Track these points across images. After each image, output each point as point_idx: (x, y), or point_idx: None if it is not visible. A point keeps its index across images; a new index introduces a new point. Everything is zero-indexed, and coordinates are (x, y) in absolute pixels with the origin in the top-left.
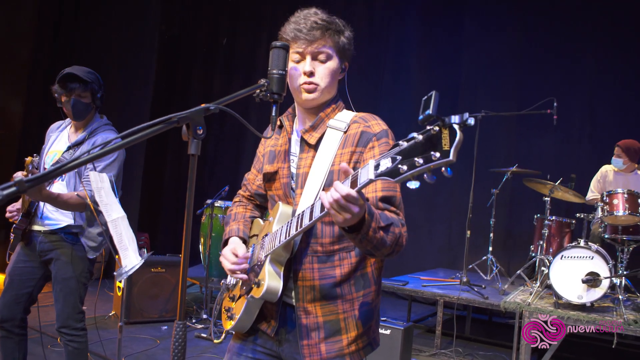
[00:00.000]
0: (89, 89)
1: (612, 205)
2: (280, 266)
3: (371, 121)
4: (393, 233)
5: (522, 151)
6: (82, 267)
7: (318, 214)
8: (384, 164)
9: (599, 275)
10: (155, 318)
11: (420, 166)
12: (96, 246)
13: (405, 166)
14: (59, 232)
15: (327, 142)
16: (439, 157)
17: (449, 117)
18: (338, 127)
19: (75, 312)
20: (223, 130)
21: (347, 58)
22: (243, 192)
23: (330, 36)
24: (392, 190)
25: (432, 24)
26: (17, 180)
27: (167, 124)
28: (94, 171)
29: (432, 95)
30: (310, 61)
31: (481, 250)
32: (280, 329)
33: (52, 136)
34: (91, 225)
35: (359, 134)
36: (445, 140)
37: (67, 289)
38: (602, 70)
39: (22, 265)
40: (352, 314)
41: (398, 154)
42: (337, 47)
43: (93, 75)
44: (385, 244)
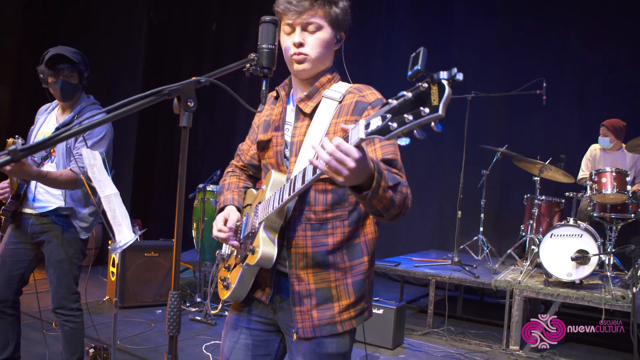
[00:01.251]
0: (77, 69)
1: (601, 184)
2: (275, 233)
3: (366, 91)
4: (401, 192)
5: (512, 132)
6: (75, 248)
7: (310, 177)
8: (374, 123)
9: (588, 252)
10: (150, 302)
11: (410, 122)
12: (88, 226)
13: (395, 123)
14: (49, 214)
15: (322, 111)
16: (428, 113)
17: (437, 73)
18: (333, 97)
19: (70, 293)
20: (214, 114)
21: (342, 28)
22: (236, 162)
23: (321, 6)
24: (392, 154)
25: (422, 8)
26: (11, 149)
27: (158, 96)
28: (86, 148)
29: (420, 51)
30: (299, 32)
31: (472, 230)
32: (275, 296)
33: (40, 118)
34: (82, 206)
35: (354, 104)
36: (434, 96)
37: (61, 270)
38: (590, 50)
39: (13, 247)
40: (344, 282)
41: (388, 112)
42: (328, 17)
43: (79, 55)
44: (394, 203)
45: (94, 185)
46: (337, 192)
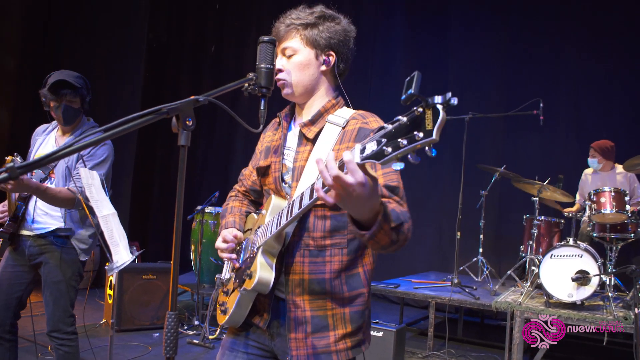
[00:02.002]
0: (79, 94)
1: (600, 204)
2: (273, 258)
3: (369, 118)
4: (403, 233)
5: (509, 152)
6: (72, 270)
7: (307, 201)
8: (369, 147)
9: (589, 273)
10: (147, 325)
11: (404, 147)
12: (87, 248)
13: (390, 148)
14: (48, 235)
15: (325, 136)
16: (422, 137)
17: (432, 97)
18: (337, 123)
19: (66, 316)
20: (212, 137)
21: (326, 48)
22: (239, 187)
23: (295, 30)
24: (395, 181)
25: (418, 28)
26: (9, 167)
27: (156, 114)
28: (84, 168)
29: (415, 75)
30: (280, 58)
31: (471, 251)
32: (273, 322)
33: (38, 140)
34: (81, 228)
35: (357, 130)
36: (429, 120)
37: (58, 292)
38: (586, 71)
39: (10, 270)
40: (342, 311)
41: (383, 137)
42: (304, 39)
43: (82, 79)
44: (392, 244)
45: (92, 205)
46: (337, 219)
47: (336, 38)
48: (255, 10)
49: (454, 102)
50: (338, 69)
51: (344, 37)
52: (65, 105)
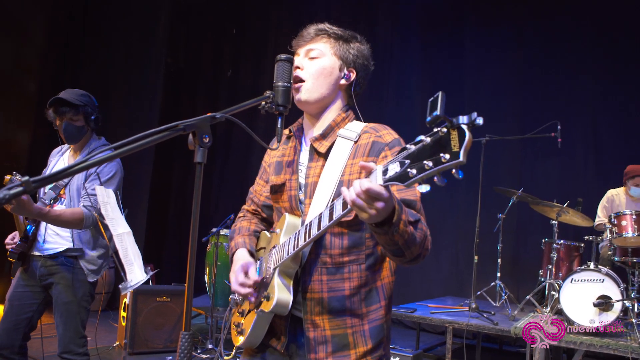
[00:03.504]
0: (81, 112)
1: (621, 227)
2: (289, 279)
3: (382, 131)
4: (422, 230)
5: (527, 175)
6: (83, 290)
7: (327, 223)
8: (392, 169)
9: (611, 298)
10: (160, 348)
11: (430, 169)
12: (96, 269)
13: (414, 170)
14: (59, 256)
15: (337, 151)
16: (449, 159)
17: (456, 117)
18: (349, 137)
19: (77, 337)
20: (228, 160)
21: (351, 65)
22: (248, 207)
23: (326, 37)
24: (412, 195)
25: (433, 50)
26: (24, 180)
27: (173, 130)
28: (100, 185)
29: (439, 96)
30: (301, 57)
31: (489, 276)
32: (291, 345)
33: (52, 160)
34: (91, 249)
35: (370, 144)
36: (455, 142)
37: (68, 313)
38: (604, 93)
39: (21, 290)
40: (361, 329)
41: (406, 158)
42: (334, 48)
43: (86, 97)
44: (415, 240)
45: (107, 223)
46: (354, 236)
47: (361, 60)
48: (272, 36)
49: (479, 122)
50: (354, 89)
51: (367, 61)
52: (66, 123)
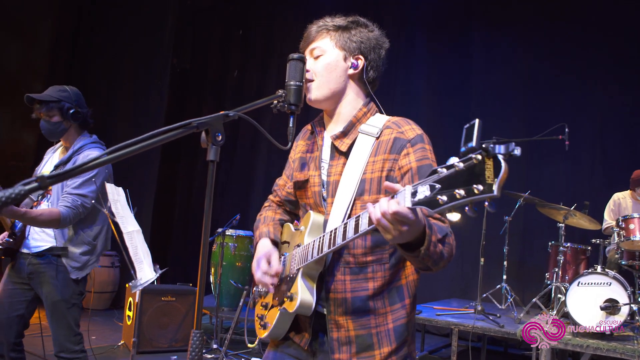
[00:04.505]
0: (54, 107)
1: (629, 230)
2: (313, 280)
3: (405, 126)
4: (449, 244)
5: (533, 178)
6: (71, 289)
7: (352, 234)
8: (421, 192)
9: (618, 302)
10: (165, 348)
11: (462, 199)
12: (80, 266)
13: (444, 197)
14: (45, 254)
15: (358, 148)
16: (482, 191)
17: (492, 146)
18: (370, 133)
19: (71, 335)
20: (233, 160)
21: (356, 52)
22: (273, 198)
23: (324, 32)
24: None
25: (440, 53)
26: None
27: (186, 128)
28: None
29: (475, 124)
30: (309, 59)
31: (495, 279)
32: (313, 342)
33: (45, 157)
34: (73, 245)
35: (392, 140)
36: (489, 172)
37: (57, 312)
38: (611, 97)
39: (10, 288)
40: (385, 328)
41: (437, 182)
42: (335, 41)
43: (65, 92)
44: (443, 257)
45: (117, 221)
46: (377, 235)
47: (367, 44)
48: (279, 37)
49: (517, 153)
50: (367, 76)
51: (375, 44)
52: (42, 121)
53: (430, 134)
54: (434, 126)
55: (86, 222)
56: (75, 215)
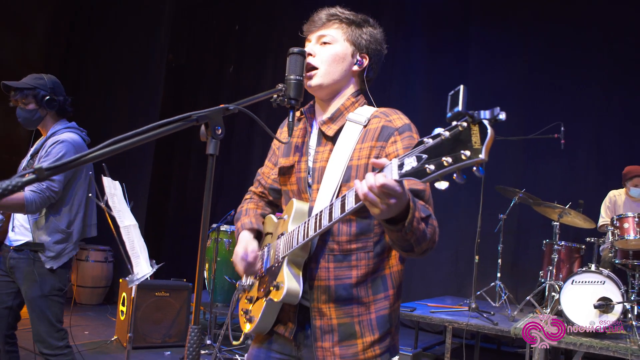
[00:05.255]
0: (30, 95)
1: (623, 229)
2: (299, 268)
3: (392, 115)
4: (432, 225)
5: (529, 176)
6: (50, 284)
7: (338, 214)
8: (408, 163)
9: (611, 300)
10: (158, 343)
11: (449, 166)
12: (54, 255)
13: (432, 165)
14: (23, 248)
15: (345, 135)
16: (470, 156)
17: (477, 112)
18: (358, 121)
19: (53, 331)
20: (229, 156)
21: (364, 50)
22: (255, 189)
23: (338, 22)
24: (421, 185)
25: (438, 51)
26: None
27: (186, 121)
28: (107, 177)
29: (460, 89)
30: (313, 44)
31: (489, 276)
32: (298, 333)
33: (31, 149)
34: (46, 235)
35: (380, 129)
36: (476, 138)
37: (38, 308)
38: (607, 96)
39: None
40: (368, 317)
41: (423, 152)
42: (346, 34)
43: (41, 80)
44: (425, 236)
45: (114, 215)
46: (362, 223)
47: (374, 45)
48: (276, 33)
49: (502, 117)
50: (367, 75)
51: (380, 46)
52: (18, 108)
53: (426, 132)
54: (430, 124)
55: (57, 208)
56: (41, 199)
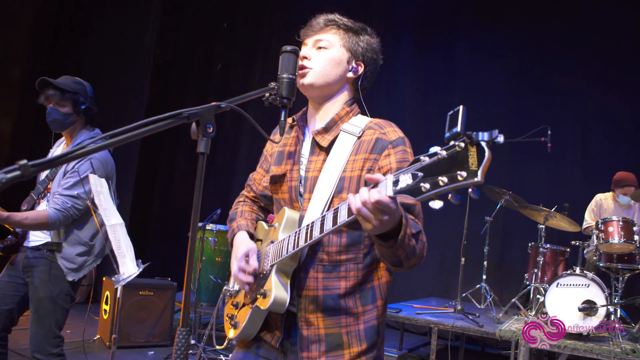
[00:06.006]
0: (68, 98)
1: (607, 233)
2: (287, 277)
3: (387, 128)
4: (422, 241)
5: (514, 179)
6: (60, 288)
7: (330, 227)
8: (403, 180)
9: (596, 303)
10: (142, 343)
11: (445, 185)
12: (76, 267)
13: (427, 184)
14: (41, 248)
15: (339, 146)
16: (466, 177)
17: (476, 133)
18: (352, 132)
19: (50, 337)
20: (214, 155)
21: (360, 58)
22: (247, 193)
23: (336, 28)
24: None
25: (426, 52)
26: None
27: (176, 119)
28: (94, 175)
29: (460, 110)
30: (309, 47)
31: (474, 278)
32: (285, 341)
33: (51, 151)
34: (70, 246)
35: (374, 141)
36: (473, 159)
37: (42, 309)
38: (595, 101)
39: (6, 280)
40: (356, 328)
41: (419, 170)
42: (343, 40)
43: (80, 85)
44: (415, 252)
45: (100, 213)
46: (353, 234)
47: (371, 53)
48: (264, 31)
49: (499, 140)
50: (362, 83)
51: (376, 56)
52: (51, 107)
53: (414, 133)
54: (418, 125)
55: (81, 222)
56: (65, 217)
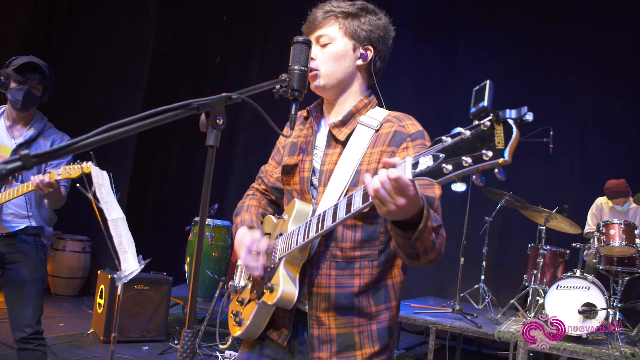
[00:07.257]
0: (44, 82)
1: (609, 236)
2: (296, 271)
3: (406, 121)
4: (442, 236)
5: (513, 180)
6: (45, 267)
7: (344, 215)
8: (423, 162)
9: (596, 306)
10: (136, 338)
11: (469, 166)
12: (50, 245)
13: (450, 165)
14: (19, 234)
15: (356, 139)
16: (492, 157)
17: (503, 111)
18: (370, 125)
19: (38, 315)
20: None
21: (365, 42)
22: (257, 186)
23: (333, 19)
24: (432, 192)
25: (425, 50)
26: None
27: (185, 109)
28: (95, 166)
29: (486, 84)
30: (314, 46)
31: (472, 278)
32: (293, 339)
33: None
34: (48, 225)
35: (392, 134)
36: (499, 138)
37: (35, 291)
38: (594, 101)
39: None
40: (369, 329)
41: (440, 151)
42: (344, 28)
43: (50, 70)
44: (434, 247)
45: (102, 207)
46: (368, 229)
47: (377, 33)
48: (263, 24)
49: (529, 118)
50: (374, 67)
51: (384, 33)
52: (27, 89)
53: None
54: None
55: None
56: None
